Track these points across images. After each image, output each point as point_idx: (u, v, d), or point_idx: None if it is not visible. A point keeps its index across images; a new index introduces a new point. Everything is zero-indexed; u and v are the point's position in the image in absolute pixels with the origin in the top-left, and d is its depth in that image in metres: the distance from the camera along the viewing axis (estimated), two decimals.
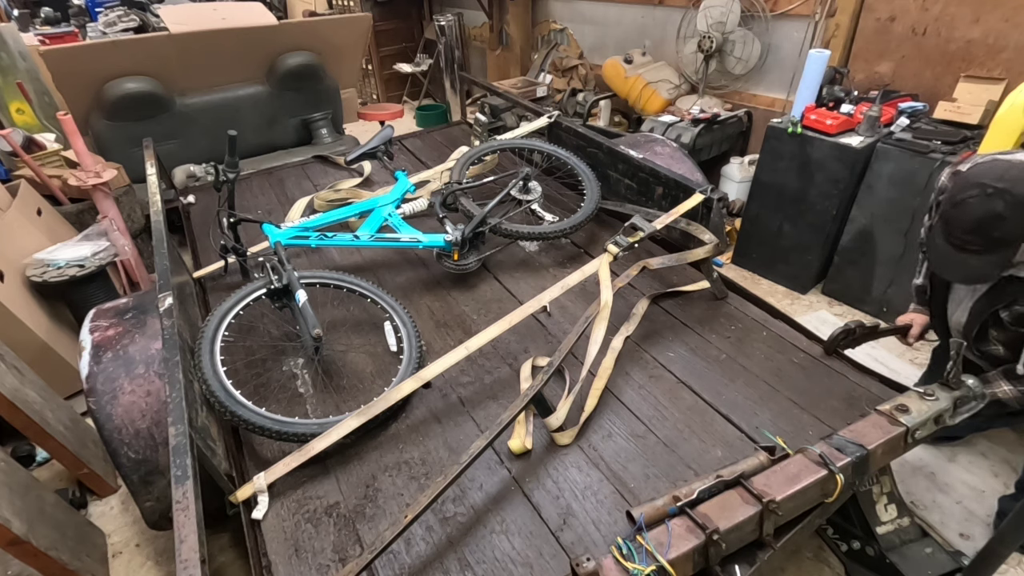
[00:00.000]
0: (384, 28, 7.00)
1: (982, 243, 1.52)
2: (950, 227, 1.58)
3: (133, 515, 2.39)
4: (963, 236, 1.55)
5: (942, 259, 1.64)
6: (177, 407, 1.45)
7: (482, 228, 2.44)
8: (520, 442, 1.69)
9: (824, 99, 3.28)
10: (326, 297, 2.27)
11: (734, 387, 1.90)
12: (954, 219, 1.56)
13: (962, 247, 1.56)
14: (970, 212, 1.51)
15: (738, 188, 3.90)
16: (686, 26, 4.18)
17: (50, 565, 1.86)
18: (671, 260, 2.15)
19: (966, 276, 1.68)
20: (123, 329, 1.93)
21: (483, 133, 3.89)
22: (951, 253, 1.59)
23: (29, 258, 2.87)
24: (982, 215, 1.49)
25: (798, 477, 1.37)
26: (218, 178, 2.26)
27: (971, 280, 1.73)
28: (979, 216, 1.50)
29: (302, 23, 4.57)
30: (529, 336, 2.17)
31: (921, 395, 1.57)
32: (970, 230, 1.52)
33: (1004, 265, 1.56)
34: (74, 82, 3.57)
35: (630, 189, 2.82)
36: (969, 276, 1.67)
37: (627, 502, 1.54)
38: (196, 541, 1.18)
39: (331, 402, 1.94)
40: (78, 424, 2.49)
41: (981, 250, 1.53)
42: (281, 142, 4.51)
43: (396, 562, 1.45)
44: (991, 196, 1.47)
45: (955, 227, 1.56)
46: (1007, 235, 1.49)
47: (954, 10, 3.07)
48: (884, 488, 1.85)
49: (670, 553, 1.22)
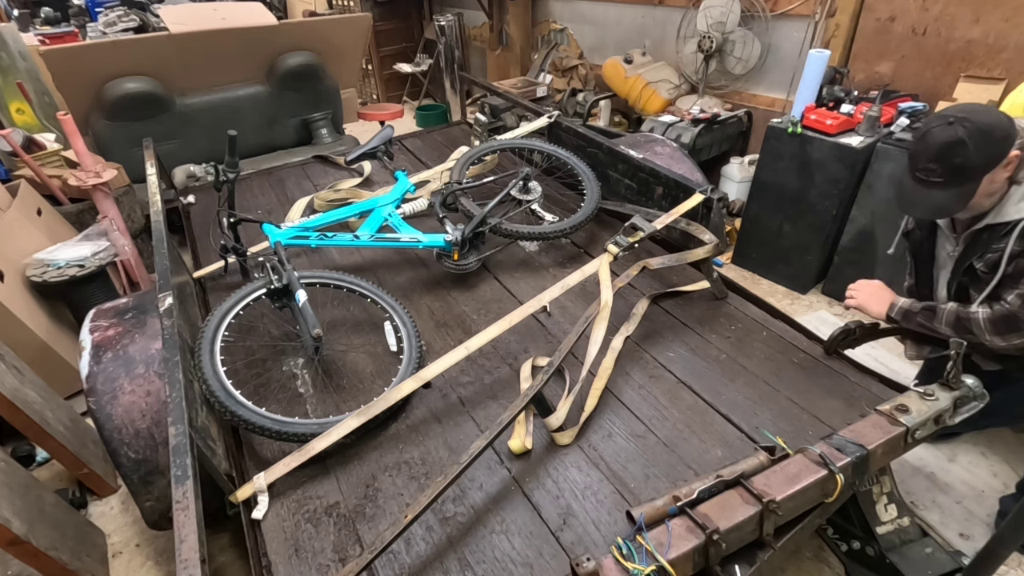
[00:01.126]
0: (384, 28, 7.01)
1: (944, 171, 1.60)
2: (915, 160, 1.67)
3: (133, 515, 2.39)
4: (927, 166, 1.63)
5: (908, 197, 1.72)
6: (177, 407, 1.45)
7: (482, 228, 2.44)
8: (520, 442, 1.69)
9: (824, 99, 3.28)
10: (326, 297, 2.27)
11: (734, 387, 1.90)
12: (918, 151, 1.66)
13: (926, 179, 1.64)
14: (933, 140, 1.60)
15: (738, 188, 3.90)
16: (686, 26, 4.18)
17: (50, 565, 1.86)
18: (671, 260, 2.15)
19: (930, 208, 1.72)
20: (123, 329, 1.93)
21: (483, 133, 3.89)
22: (916, 189, 1.68)
23: (29, 258, 2.87)
24: (944, 140, 1.57)
25: (798, 477, 1.37)
26: (218, 178, 2.26)
27: (935, 213, 1.77)
28: (941, 142, 1.58)
29: (302, 23, 4.57)
30: (529, 336, 2.17)
31: (921, 395, 1.57)
32: (933, 158, 1.61)
33: (966, 198, 1.62)
34: (74, 82, 3.57)
35: (630, 189, 2.82)
36: (933, 208, 1.71)
37: (627, 502, 1.54)
38: (196, 541, 1.18)
39: (331, 402, 1.94)
40: (78, 424, 2.49)
41: (944, 181, 1.61)
42: (281, 142, 4.51)
43: (396, 562, 1.45)
44: (952, 124, 1.57)
45: (919, 158, 1.65)
46: (967, 161, 1.56)
47: (954, 10, 3.07)
48: (884, 488, 1.85)
49: (670, 553, 1.21)
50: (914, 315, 1.87)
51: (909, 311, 1.88)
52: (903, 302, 1.91)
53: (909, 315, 1.88)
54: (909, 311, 1.88)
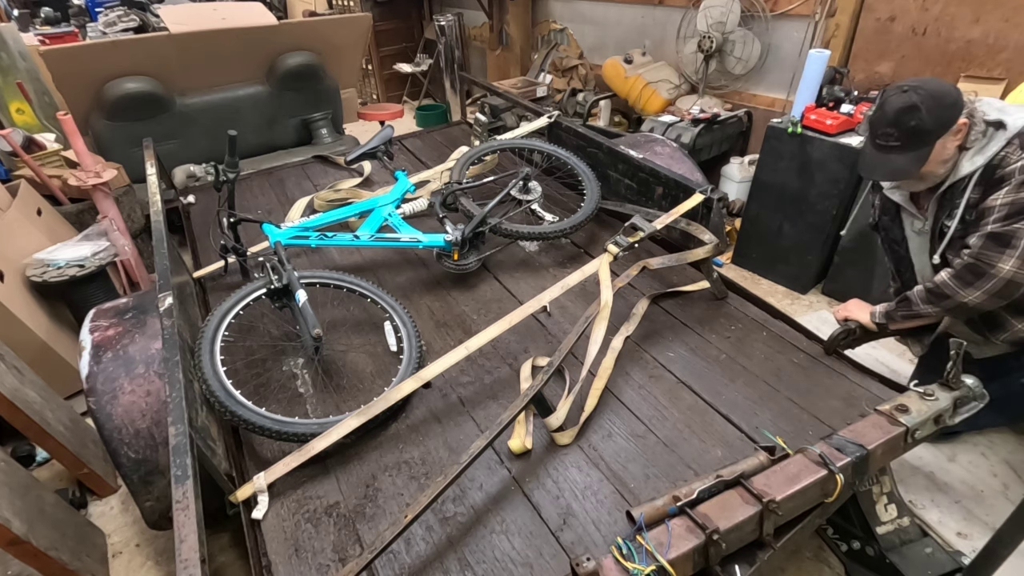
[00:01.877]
0: (384, 28, 7.00)
1: (901, 135, 1.72)
2: (874, 126, 1.79)
3: (133, 515, 2.39)
4: (885, 130, 1.74)
5: (869, 163, 1.84)
6: (177, 407, 1.45)
7: (482, 228, 2.44)
8: (520, 442, 1.69)
9: (824, 99, 3.28)
10: (326, 297, 2.27)
11: (734, 387, 1.90)
12: (877, 118, 1.78)
13: (885, 144, 1.76)
14: (890, 106, 1.72)
15: (738, 188, 3.90)
16: (686, 26, 4.18)
17: (50, 565, 1.86)
18: (671, 260, 2.15)
19: (889, 171, 1.83)
20: (123, 329, 1.93)
21: (483, 133, 3.89)
22: (876, 155, 1.80)
23: (29, 258, 2.87)
24: (900, 106, 1.70)
25: (798, 477, 1.37)
26: (218, 178, 2.26)
27: (894, 176, 1.86)
28: (897, 107, 1.70)
29: (302, 23, 4.57)
30: (529, 336, 2.17)
31: (921, 395, 1.57)
32: (891, 122, 1.72)
33: (921, 160, 1.73)
34: (74, 82, 3.57)
35: (630, 189, 2.82)
36: (892, 171, 1.82)
37: (627, 502, 1.54)
38: (196, 541, 1.18)
39: (331, 402, 1.94)
40: (78, 424, 2.49)
41: (901, 144, 1.73)
42: (281, 142, 4.51)
43: (396, 562, 1.45)
44: (906, 92, 1.70)
45: (878, 124, 1.76)
46: (922, 124, 1.68)
47: (954, 10, 3.07)
48: (884, 488, 1.85)
49: (670, 553, 1.21)
50: (894, 312, 1.94)
51: (888, 312, 1.95)
52: (880, 307, 1.98)
53: (890, 315, 1.95)
54: (888, 312, 1.95)
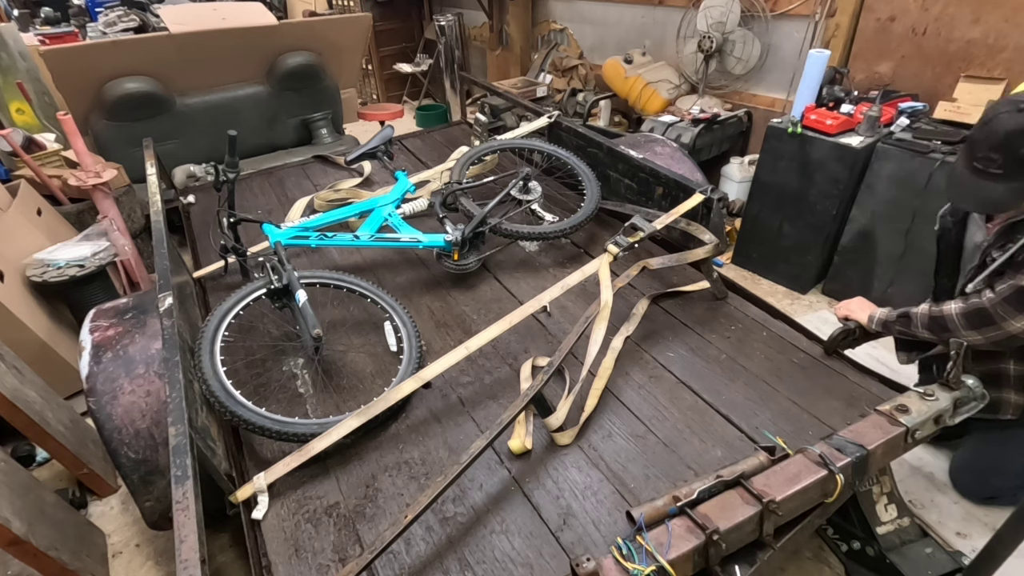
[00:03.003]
0: (384, 28, 7.00)
1: (1005, 162, 1.49)
2: (975, 147, 1.55)
3: (133, 515, 2.39)
4: (988, 154, 1.51)
5: (960, 188, 1.61)
6: (177, 407, 1.45)
7: (482, 228, 2.44)
8: (520, 442, 1.69)
9: (824, 99, 3.28)
10: (326, 297, 2.27)
11: (734, 387, 1.90)
12: (981, 138, 1.54)
13: (984, 169, 1.53)
14: (1000, 126, 1.49)
15: (738, 188, 3.90)
16: (686, 26, 4.18)
17: (50, 565, 1.86)
18: (671, 260, 2.15)
19: (983, 202, 1.62)
20: (123, 329, 1.93)
21: (483, 133, 3.89)
22: (970, 179, 1.58)
23: (29, 258, 2.87)
24: (1011, 128, 1.47)
25: (798, 477, 1.37)
26: (218, 178, 2.26)
27: (989, 208, 1.67)
28: (1008, 129, 1.47)
29: (302, 23, 4.57)
30: (529, 336, 2.17)
31: (921, 395, 1.57)
32: (996, 146, 1.49)
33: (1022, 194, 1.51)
34: (74, 82, 3.57)
35: (630, 189, 2.82)
36: (986, 202, 1.61)
37: (627, 502, 1.54)
38: (196, 541, 1.18)
39: (331, 402, 1.94)
40: (78, 424, 2.49)
41: (1003, 173, 1.51)
42: (281, 142, 4.51)
43: (396, 562, 1.45)
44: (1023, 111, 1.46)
45: (981, 146, 1.53)
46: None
47: (954, 10, 3.07)
48: (884, 488, 1.85)
49: (670, 553, 1.21)
50: (892, 324, 1.90)
51: (887, 321, 1.91)
52: (880, 312, 1.94)
53: (888, 325, 1.91)
54: (887, 321, 1.91)
